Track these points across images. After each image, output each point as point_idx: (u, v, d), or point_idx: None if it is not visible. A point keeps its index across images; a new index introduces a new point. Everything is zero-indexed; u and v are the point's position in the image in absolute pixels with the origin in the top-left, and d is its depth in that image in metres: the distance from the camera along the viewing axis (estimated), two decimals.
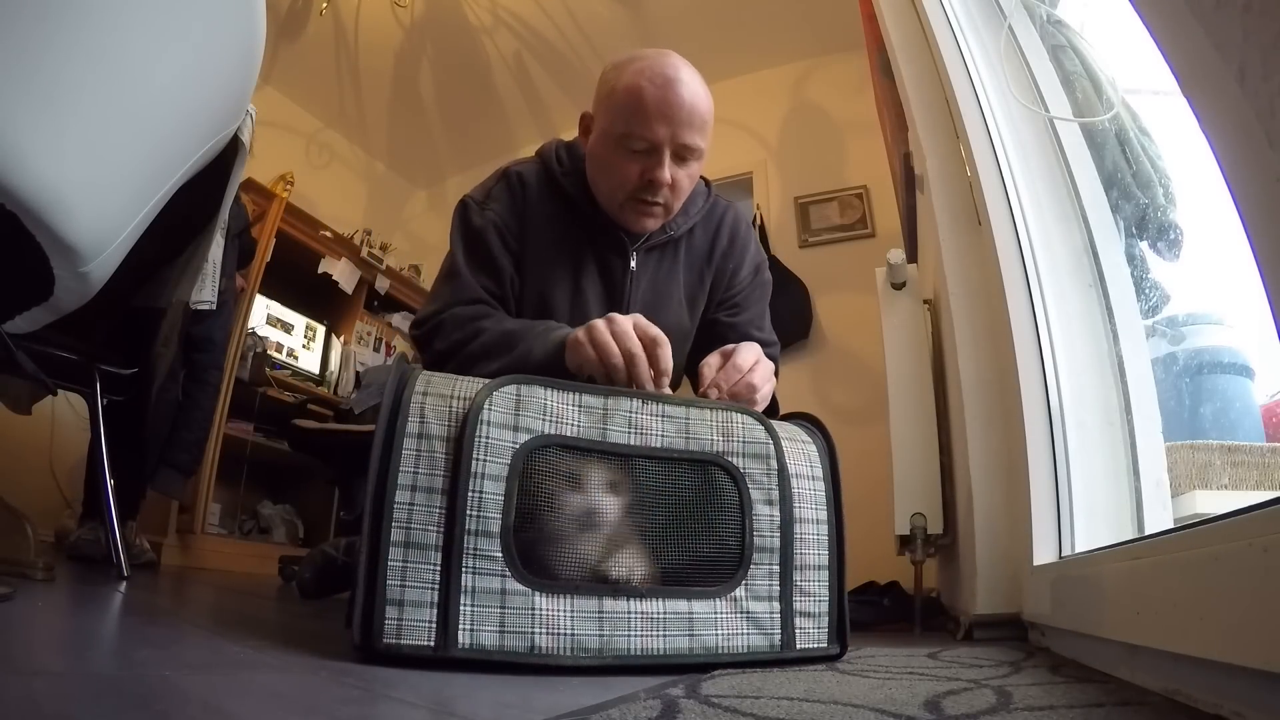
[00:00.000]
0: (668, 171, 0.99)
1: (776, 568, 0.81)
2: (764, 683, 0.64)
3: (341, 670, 0.63)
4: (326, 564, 1.49)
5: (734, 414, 0.84)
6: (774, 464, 0.83)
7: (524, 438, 0.74)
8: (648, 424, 0.80)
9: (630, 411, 0.79)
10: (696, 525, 0.79)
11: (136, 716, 0.40)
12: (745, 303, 1.17)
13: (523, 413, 0.75)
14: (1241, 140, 0.40)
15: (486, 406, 0.73)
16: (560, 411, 0.76)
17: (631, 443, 0.78)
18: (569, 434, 0.76)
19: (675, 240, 1.11)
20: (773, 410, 1.02)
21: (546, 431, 0.75)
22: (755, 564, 0.80)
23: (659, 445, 0.80)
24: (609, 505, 0.76)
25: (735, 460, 0.82)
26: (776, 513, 0.82)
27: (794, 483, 0.84)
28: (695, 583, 0.77)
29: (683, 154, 1.01)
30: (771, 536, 0.81)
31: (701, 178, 1.14)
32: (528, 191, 1.09)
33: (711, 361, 0.96)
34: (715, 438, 0.82)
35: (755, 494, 0.81)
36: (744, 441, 0.83)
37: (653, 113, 0.97)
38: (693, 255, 1.13)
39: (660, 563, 0.77)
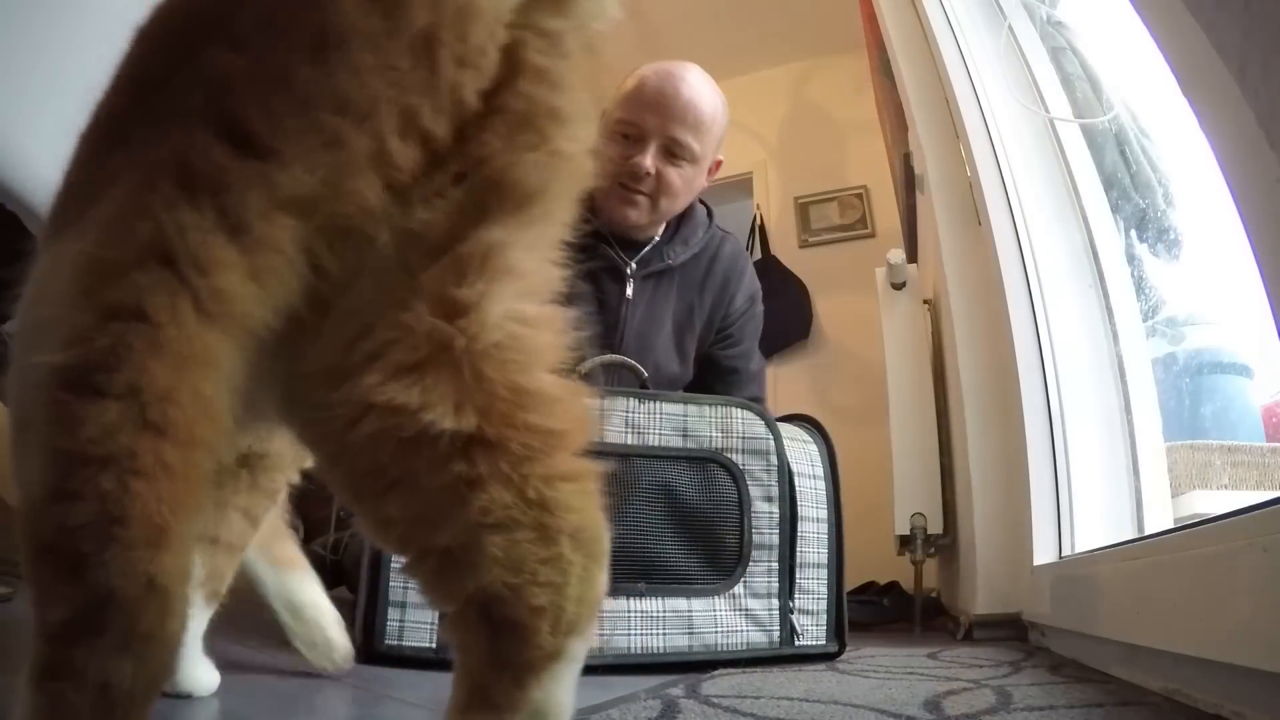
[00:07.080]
0: (650, 160, 0.99)
1: (775, 564, 0.82)
2: (764, 683, 0.64)
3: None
4: (317, 563, 1.49)
5: (733, 409, 0.84)
6: (774, 459, 0.83)
7: None
8: (644, 423, 0.80)
9: (627, 411, 0.80)
10: (695, 523, 0.80)
11: None
12: (739, 335, 1.17)
13: None
14: (1241, 141, 0.40)
15: None
16: None
17: (629, 442, 0.79)
18: None
19: (672, 269, 1.10)
20: None
21: None
22: (754, 560, 0.81)
23: (657, 444, 0.80)
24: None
25: (734, 456, 0.82)
26: (775, 509, 0.83)
27: (796, 480, 0.85)
28: (694, 580, 0.78)
29: (673, 149, 1.00)
30: (770, 533, 0.82)
31: (705, 205, 1.12)
32: None
33: None
34: (714, 434, 0.82)
35: (754, 490, 0.82)
36: (743, 437, 0.83)
37: (647, 102, 0.99)
38: (686, 285, 1.12)
39: (659, 561, 0.77)
